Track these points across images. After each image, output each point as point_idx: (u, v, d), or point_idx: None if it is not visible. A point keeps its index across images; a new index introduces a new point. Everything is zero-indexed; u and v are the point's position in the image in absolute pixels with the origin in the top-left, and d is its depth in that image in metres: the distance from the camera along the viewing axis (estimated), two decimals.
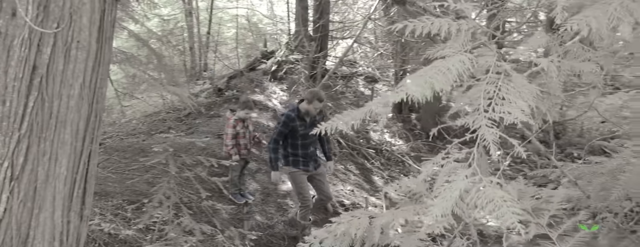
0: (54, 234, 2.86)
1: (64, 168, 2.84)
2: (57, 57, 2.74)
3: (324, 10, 12.35)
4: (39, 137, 2.74)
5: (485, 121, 1.29)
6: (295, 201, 6.77)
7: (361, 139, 10.86)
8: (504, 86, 1.35)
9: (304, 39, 11.94)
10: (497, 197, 1.22)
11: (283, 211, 7.41)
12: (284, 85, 12.15)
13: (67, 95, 2.79)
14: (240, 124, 6.89)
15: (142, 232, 5.90)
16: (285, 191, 7.87)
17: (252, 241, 5.88)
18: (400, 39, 11.51)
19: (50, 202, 2.82)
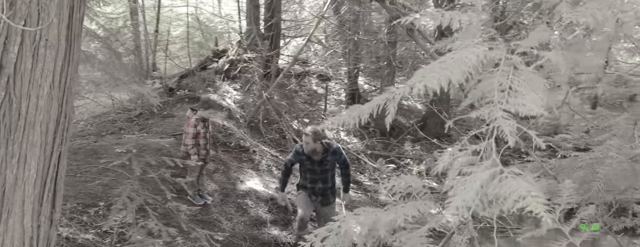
0: (24, 239, 2.76)
1: (33, 171, 2.74)
2: (25, 56, 2.65)
3: (276, 9, 12.32)
4: (7, 138, 2.65)
5: (501, 113, 1.31)
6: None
7: None
8: (515, 79, 1.37)
9: (256, 37, 11.87)
10: (521, 189, 1.23)
11: (242, 211, 7.37)
12: (237, 85, 12.05)
13: (36, 95, 2.70)
14: (201, 124, 6.79)
15: (101, 235, 5.76)
16: (244, 190, 7.83)
17: (218, 241, 5.83)
18: (353, 37, 11.61)
19: (19, 207, 2.72)
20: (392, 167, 10.15)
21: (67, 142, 2.97)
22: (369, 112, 1.69)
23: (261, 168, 8.79)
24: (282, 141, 10.06)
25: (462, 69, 1.40)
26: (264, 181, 8.36)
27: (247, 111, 10.61)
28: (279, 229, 7.22)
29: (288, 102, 11.34)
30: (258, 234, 6.94)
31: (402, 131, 11.77)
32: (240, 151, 9.02)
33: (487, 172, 1.30)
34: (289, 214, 7.56)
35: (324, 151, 5.90)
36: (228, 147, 8.99)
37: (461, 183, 1.37)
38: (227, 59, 12.56)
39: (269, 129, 10.29)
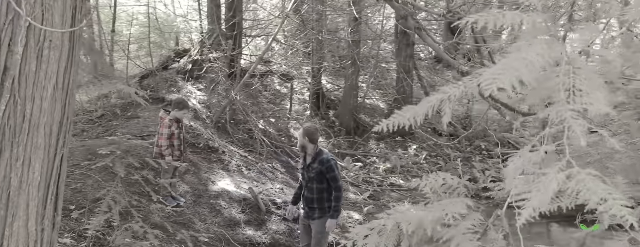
0: (28, 243, 2.73)
1: (37, 174, 2.71)
2: (30, 58, 2.62)
3: (237, 8, 12.27)
4: (12, 142, 2.61)
5: (571, 113, 1.35)
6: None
7: (283, 137, 10.94)
8: (577, 78, 1.43)
9: (220, 37, 11.80)
10: (601, 190, 1.27)
11: (216, 212, 7.33)
12: (201, 85, 11.96)
13: (40, 97, 2.67)
14: (176, 125, 6.72)
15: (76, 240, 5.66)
16: (216, 191, 7.80)
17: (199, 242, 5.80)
18: (318, 37, 11.69)
19: (24, 210, 2.68)
20: (359, 166, 10.27)
21: (69, 145, 2.94)
22: (425, 113, 1.71)
23: (231, 169, 8.77)
24: (250, 141, 10.05)
25: (530, 69, 1.45)
26: (236, 181, 8.34)
27: (213, 112, 10.55)
28: (253, 229, 7.23)
29: (253, 102, 11.33)
30: (233, 235, 6.92)
31: (367, 130, 11.92)
32: (209, 152, 8.96)
33: (563, 174, 1.34)
34: (262, 214, 7.57)
35: (314, 156, 5.78)
36: (197, 148, 8.92)
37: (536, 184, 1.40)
38: (190, 59, 12.44)
39: (236, 129, 10.27)
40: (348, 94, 12.03)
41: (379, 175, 10.11)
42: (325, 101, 12.60)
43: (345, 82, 12.18)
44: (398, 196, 9.45)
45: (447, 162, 11.04)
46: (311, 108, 12.37)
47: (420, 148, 11.46)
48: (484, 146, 12.00)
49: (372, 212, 8.53)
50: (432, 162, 11.11)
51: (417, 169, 10.63)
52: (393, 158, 10.64)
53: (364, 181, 9.74)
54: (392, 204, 9.06)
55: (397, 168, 10.41)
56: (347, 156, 10.55)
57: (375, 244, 1.92)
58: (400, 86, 11.91)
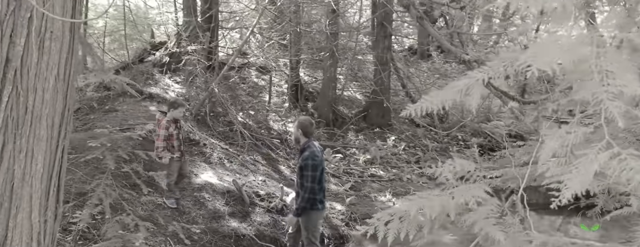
0: (32, 234, 2.73)
1: (40, 165, 2.71)
2: (31, 49, 2.61)
3: (213, 0, 12.21)
4: (15, 133, 2.60)
5: (606, 95, 1.37)
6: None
7: (262, 129, 10.94)
8: (608, 61, 1.45)
9: (196, 29, 11.72)
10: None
11: (200, 205, 7.33)
12: (178, 77, 11.88)
13: (42, 88, 2.66)
14: (173, 126, 6.67)
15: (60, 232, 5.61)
16: (199, 184, 7.79)
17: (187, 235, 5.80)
18: (296, 28, 11.70)
19: (27, 202, 2.68)
20: (340, 157, 10.35)
21: (69, 136, 2.93)
22: (453, 97, 1.72)
23: (213, 161, 8.76)
24: (230, 133, 10.04)
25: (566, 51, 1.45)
26: (218, 173, 8.34)
27: (192, 104, 10.50)
28: (237, 221, 7.25)
29: (232, 95, 11.30)
30: (218, 227, 6.93)
31: (346, 121, 12.00)
32: (190, 144, 8.93)
33: (605, 154, 1.35)
34: (246, 206, 7.60)
35: (301, 149, 5.72)
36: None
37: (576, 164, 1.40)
38: (166, 52, 12.34)
39: (216, 121, 10.24)
40: (326, 85, 12.09)
41: (359, 166, 10.20)
42: (303, 93, 12.64)
43: (324, 74, 12.22)
44: (379, 186, 9.56)
45: (425, 153, 11.19)
46: (289, 100, 12.40)
47: (398, 139, 11.59)
48: (460, 136, 12.19)
49: (354, 202, 8.62)
50: (410, 152, 11.24)
51: (396, 159, 10.76)
52: (372, 149, 10.74)
53: (344, 172, 9.82)
54: (373, 194, 9.18)
55: (377, 159, 10.52)
56: (327, 147, 10.61)
57: (397, 229, 1.90)
58: (378, 78, 12.00)
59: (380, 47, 12.15)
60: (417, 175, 10.19)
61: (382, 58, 12.01)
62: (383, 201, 8.91)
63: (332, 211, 8.30)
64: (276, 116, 11.68)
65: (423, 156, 11.01)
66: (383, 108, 12.20)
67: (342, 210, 8.36)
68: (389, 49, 12.31)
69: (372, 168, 10.27)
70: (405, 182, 9.81)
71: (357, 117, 12.19)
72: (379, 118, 12.20)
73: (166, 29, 14.33)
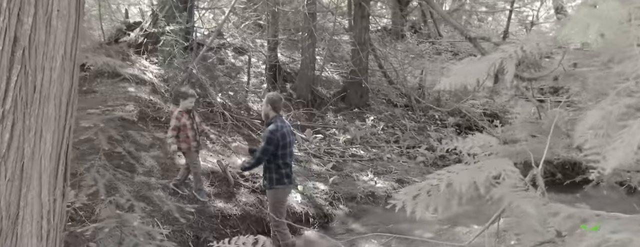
0: (42, 213, 2.75)
1: (49, 144, 2.72)
2: (39, 28, 2.60)
3: None
4: (24, 112, 2.61)
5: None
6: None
7: (242, 110, 10.92)
8: None
9: (173, 9, 11.58)
10: None
11: (185, 185, 7.34)
12: (155, 58, 11.75)
13: (49, 68, 2.66)
14: (186, 116, 6.62)
15: None
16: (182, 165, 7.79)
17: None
18: (274, 9, 11.65)
19: (37, 180, 2.70)
20: (320, 138, 10.43)
21: (75, 115, 2.94)
22: (485, 71, 1.75)
23: None
24: (210, 114, 10.01)
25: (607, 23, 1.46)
26: (201, 154, 8.33)
27: (170, 85, 10.42)
28: (223, 201, 7.29)
29: (210, 76, 11.24)
30: (204, 208, 6.96)
31: (324, 102, 12.06)
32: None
33: None
34: (231, 187, 7.63)
35: (267, 123, 5.88)
36: (159, 122, 8.84)
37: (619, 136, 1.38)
38: (142, 32, 12.16)
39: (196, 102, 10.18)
40: (305, 66, 12.11)
41: (339, 146, 10.30)
42: (281, 74, 12.63)
43: (302, 54, 12.22)
44: (360, 166, 9.68)
45: (403, 132, 11.33)
46: (268, 81, 12.39)
47: (377, 119, 11.71)
48: (437, 116, 12.36)
49: (337, 182, 8.73)
50: (389, 132, 11.38)
51: (376, 139, 10.89)
52: (352, 129, 10.84)
53: (325, 152, 9.91)
54: (355, 174, 9.30)
55: (357, 139, 10.63)
56: (307, 127, 10.68)
57: (425, 203, 1.90)
58: (356, 58, 12.06)
59: (358, 28, 12.19)
60: (397, 154, 10.35)
61: (360, 38, 12.06)
62: (365, 180, 9.05)
63: (315, 190, 8.41)
64: (255, 97, 11.67)
65: (402, 136, 11.16)
66: (361, 88, 12.29)
67: (325, 189, 8.47)
68: (366, 29, 12.36)
69: (352, 148, 10.38)
70: (386, 161, 9.96)
71: (335, 97, 12.26)
72: (357, 98, 12.29)
73: (141, 9, 14.10)
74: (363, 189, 8.70)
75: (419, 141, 11.03)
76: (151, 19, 12.35)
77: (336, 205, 8.25)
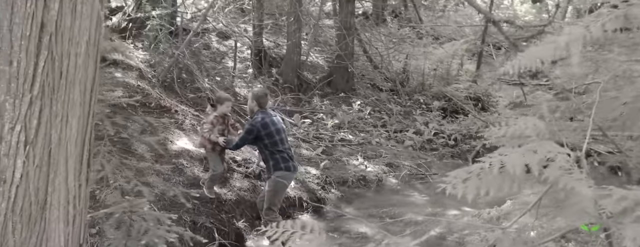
0: (69, 198, 2.76)
1: (74, 130, 2.73)
2: (65, 13, 2.59)
3: None
4: (51, 98, 2.61)
5: None
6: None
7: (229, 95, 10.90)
8: None
9: None
10: None
11: (179, 171, 7.33)
12: (139, 43, 11.62)
13: (75, 53, 2.67)
14: (221, 121, 6.56)
15: None
16: (176, 151, 7.79)
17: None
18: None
19: (63, 166, 2.71)
20: (308, 122, 10.48)
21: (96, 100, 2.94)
22: (551, 54, 1.73)
23: (186, 128, 8.73)
24: (198, 100, 9.99)
25: None
26: (193, 140, 8.33)
27: (157, 70, 10.34)
28: (217, 187, 7.31)
29: (196, 61, 11.18)
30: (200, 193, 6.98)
31: (311, 87, 12.09)
32: (161, 111, 8.86)
33: None
34: (225, 172, 7.66)
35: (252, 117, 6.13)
36: (148, 108, 8.79)
37: None
38: (126, 16, 12.01)
39: (183, 88, 10.14)
40: (291, 51, 12.10)
41: (327, 131, 10.37)
42: (267, 59, 12.61)
43: (288, 39, 12.21)
44: (349, 150, 9.77)
45: (390, 116, 11.44)
46: (254, 66, 12.37)
47: (363, 103, 11.79)
48: (422, 100, 12.49)
49: (328, 167, 8.81)
50: (376, 116, 11.48)
51: (363, 124, 10.98)
52: (339, 114, 10.91)
53: (314, 137, 9.97)
54: (345, 158, 9.39)
55: (344, 123, 10.70)
56: (295, 112, 10.72)
57: (476, 187, 1.88)
58: (342, 42, 12.09)
59: (343, 12, 12.21)
60: (385, 138, 10.46)
61: (346, 23, 12.08)
62: (355, 165, 9.14)
63: (307, 175, 8.47)
64: (242, 82, 11.65)
65: (389, 120, 11.27)
66: (347, 73, 12.34)
67: (317, 174, 8.54)
68: (352, 14, 12.39)
69: (340, 132, 10.46)
70: (375, 145, 10.06)
71: (322, 82, 12.29)
72: (343, 83, 12.35)
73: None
74: (354, 173, 8.80)
75: (405, 125, 11.15)
76: (134, 3, 12.19)
77: (328, 189, 8.34)
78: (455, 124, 11.29)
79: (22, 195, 2.56)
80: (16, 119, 2.52)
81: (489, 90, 13.23)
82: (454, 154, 10.30)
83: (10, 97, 2.51)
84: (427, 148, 10.39)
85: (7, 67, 2.49)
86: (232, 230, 6.79)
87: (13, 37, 2.48)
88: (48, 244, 2.69)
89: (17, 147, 2.53)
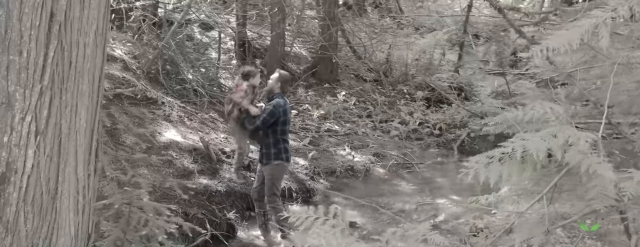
0: (78, 188, 2.78)
1: (83, 120, 2.74)
2: (74, 3, 2.60)
3: None
4: (61, 88, 2.61)
5: None
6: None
7: (214, 87, 10.85)
8: None
9: None
10: None
11: (168, 163, 7.32)
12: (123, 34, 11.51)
13: (83, 43, 2.67)
14: (251, 91, 6.66)
15: None
16: (164, 142, 7.76)
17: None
18: None
19: (73, 156, 2.72)
20: (294, 113, 10.50)
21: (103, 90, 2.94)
22: (579, 37, 1.73)
23: (173, 119, 8.69)
24: (184, 91, 9.94)
25: None
26: (181, 131, 8.31)
27: (141, 62, 10.26)
28: (208, 178, 7.31)
29: (181, 52, 11.10)
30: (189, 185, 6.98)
31: (295, 78, 12.09)
32: (148, 103, 8.81)
33: None
34: (214, 163, 7.66)
35: (269, 98, 6.08)
36: (135, 100, 8.73)
37: None
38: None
39: (168, 79, 10.08)
40: (275, 42, 12.08)
41: (314, 121, 10.41)
42: (251, 50, 12.57)
43: (272, 29, 12.19)
44: (336, 140, 9.82)
45: (375, 107, 11.52)
46: (238, 57, 12.33)
47: (348, 94, 11.84)
48: (405, 90, 12.58)
49: (316, 157, 8.85)
50: (361, 107, 11.54)
51: (349, 114, 11.04)
52: (325, 104, 10.95)
53: (301, 128, 10.01)
54: (332, 148, 9.44)
55: (330, 114, 10.75)
56: None
57: (498, 172, 1.89)
58: (326, 33, 12.11)
59: (327, 3, 12.22)
60: (371, 128, 10.54)
61: (330, 13, 12.10)
62: (343, 155, 9.20)
63: (295, 166, 8.50)
64: (226, 74, 11.62)
65: (374, 110, 11.34)
66: (331, 64, 12.37)
67: (306, 164, 8.58)
68: (336, 4, 12.41)
69: (326, 123, 10.50)
70: (362, 135, 10.13)
71: (306, 73, 12.31)
72: (327, 74, 12.38)
73: None
74: (342, 163, 8.85)
75: (390, 115, 11.24)
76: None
77: (317, 180, 8.38)
78: (439, 114, 11.41)
79: (34, 185, 2.57)
80: (27, 109, 2.52)
81: (471, 79, 13.36)
82: (439, 143, 10.41)
83: (20, 88, 2.50)
84: (412, 138, 10.48)
85: (17, 57, 2.49)
86: (224, 221, 6.81)
87: (23, 27, 2.48)
88: (59, 233, 2.70)
89: (28, 137, 2.53)
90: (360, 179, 8.67)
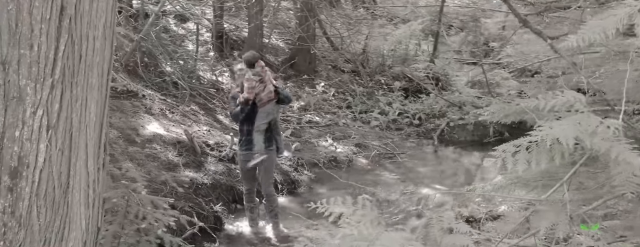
0: (88, 182, 2.77)
1: (93, 114, 2.73)
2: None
3: None
4: (71, 82, 2.60)
5: None
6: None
7: (193, 79, 10.78)
8: None
9: None
10: None
11: (153, 157, 7.28)
12: None
13: (92, 36, 2.65)
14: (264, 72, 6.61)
15: None
16: (148, 136, 7.71)
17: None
18: None
19: (83, 150, 2.71)
20: None
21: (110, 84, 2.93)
22: (614, 26, 1.73)
23: (155, 112, 8.63)
24: (163, 84, 9.87)
25: None
26: (163, 124, 8.26)
27: (119, 54, 10.13)
28: (193, 171, 7.31)
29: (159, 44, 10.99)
30: (176, 178, 6.96)
31: (273, 69, 12.08)
32: (128, 96, 8.72)
33: None
34: (198, 156, 7.65)
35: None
36: (115, 93, 8.63)
37: None
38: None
39: (147, 72, 9.99)
40: (252, 33, 12.06)
41: (294, 113, 10.44)
42: (228, 42, 12.51)
43: (249, 21, 12.15)
44: (317, 132, 9.88)
45: (354, 97, 11.59)
46: (215, 49, 12.27)
47: (327, 85, 11.89)
48: (383, 80, 12.67)
49: (299, 149, 8.90)
50: (340, 98, 11.61)
51: (328, 105, 11.10)
52: (304, 96, 10.99)
53: (282, 119, 10.02)
54: (314, 140, 9.49)
55: (310, 105, 10.79)
56: None
57: (526, 160, 1.91)
58: (305, 24, 12.12)
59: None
60: (351, 119, 10.62)
61: (308, 4, 12.11)
62: (325, 146, 9.26)
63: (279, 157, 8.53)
64: (204, 66, 11.55)
65: (353, 101, 11.42)
66: (309, 55, 12.40)
67: (289, 156, 8.62)
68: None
69: (307, 114, 10.54)
70: (343, 126, 10.21)
71: (285, 65, 12.31)
72: (305, 65, 12.40)
73: None
74: (325, 154, 8.92)
75: (370, 106, 11.33)
76: None
77: (301, 171, 8.43)
78: (418, 104, 11.54)
79: (46, 179, 2.55)
80: (38, 104, 2.50)
81: (447, 69, 13.52)
82: (419, 133, 10.56)
83: (31, 82, 2.48)
84: (392, 128, 10.60)
85: (27, 51, 2.46)
86: (211, 214, 6.82)
87: (33, 20, 2.45)
88: (71, 227, 2.69)
89: (40, 131, 2.51)
90: (344, 169, 8.75)
